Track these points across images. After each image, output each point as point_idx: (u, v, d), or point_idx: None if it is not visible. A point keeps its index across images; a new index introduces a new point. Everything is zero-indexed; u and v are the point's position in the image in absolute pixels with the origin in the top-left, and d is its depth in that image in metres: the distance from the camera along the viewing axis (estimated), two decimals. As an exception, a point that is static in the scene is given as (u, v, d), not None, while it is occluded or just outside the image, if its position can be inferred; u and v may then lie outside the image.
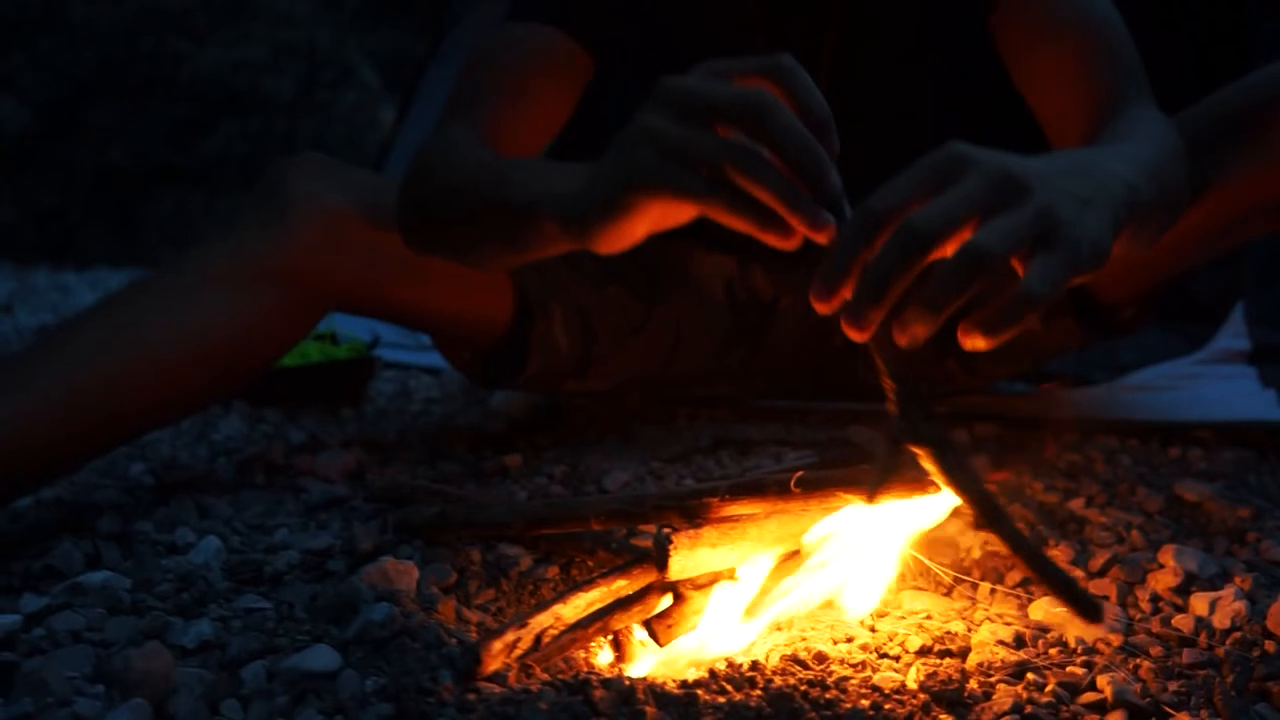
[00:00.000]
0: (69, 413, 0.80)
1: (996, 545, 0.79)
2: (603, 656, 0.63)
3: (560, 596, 0.60)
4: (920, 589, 0.72)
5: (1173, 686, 0.57)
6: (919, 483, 0.57)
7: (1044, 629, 0.64)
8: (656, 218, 0.57)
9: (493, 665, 0.55)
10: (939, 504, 0.59)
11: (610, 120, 0.66)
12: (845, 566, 0.64)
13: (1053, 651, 0.61)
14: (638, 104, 0.58)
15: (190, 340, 0.87)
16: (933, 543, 0.77)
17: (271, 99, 8.29)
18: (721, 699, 0.53)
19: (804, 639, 0.63)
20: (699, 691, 0.53)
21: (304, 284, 0.93)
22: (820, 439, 1.15)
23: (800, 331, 1.23)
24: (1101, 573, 0.73)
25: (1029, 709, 0.53)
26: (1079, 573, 0.73)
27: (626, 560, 0.68)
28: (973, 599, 0.70)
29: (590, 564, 0.78)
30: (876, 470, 0.55)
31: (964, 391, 1.21)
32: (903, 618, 0.67)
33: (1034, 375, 1.31)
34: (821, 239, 0.52)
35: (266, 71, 8.41)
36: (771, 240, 0.54)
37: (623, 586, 0.64)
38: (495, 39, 1.02)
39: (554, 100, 0.99)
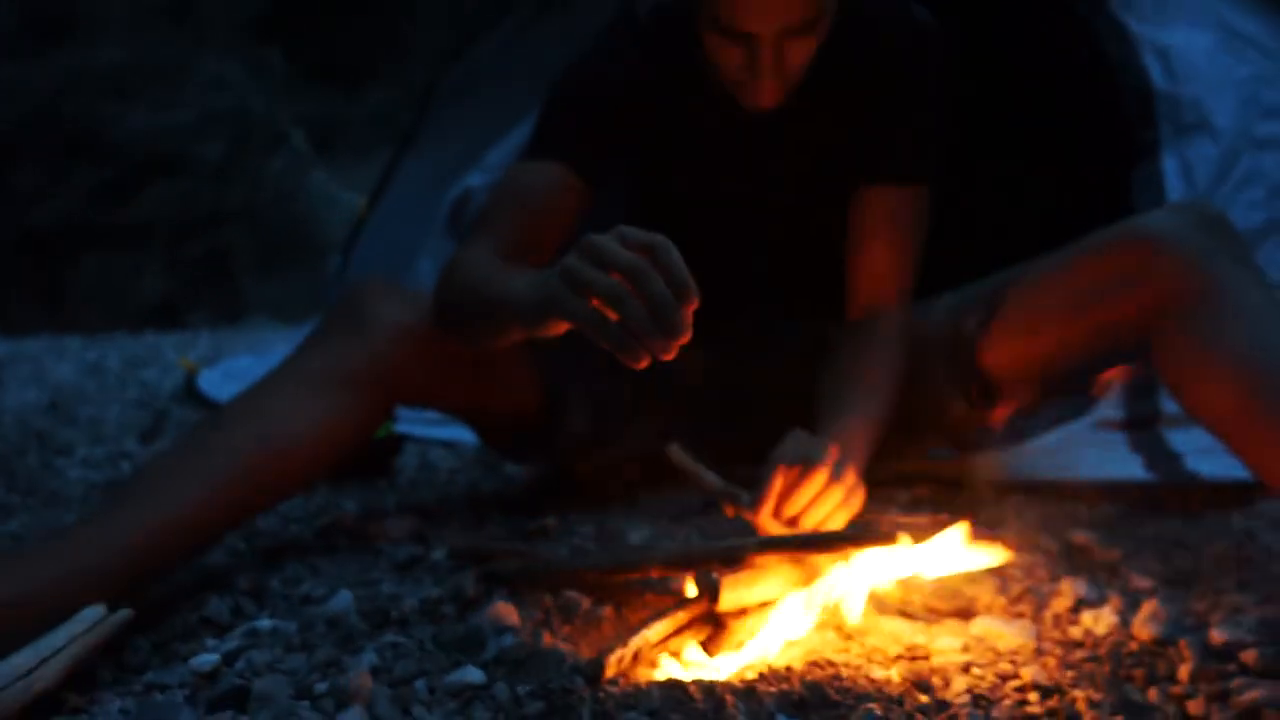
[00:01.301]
0: (215, 501, 0.99)
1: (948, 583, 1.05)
2: (666, 667, 0.85)
3: (645, 624, 0.83)
4: (890, 617, 0.96)
5: (1070, 675, 0.82)
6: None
7: (980, 640, 0.90)
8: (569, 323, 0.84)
9: (610, 673, 0.77)
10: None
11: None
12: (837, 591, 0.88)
13: (988, 654, 0.86)
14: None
15: (302, 436, 1.07)
16: (898, 584, 1.02)
17: (201, 162, 8.35)
18: (773, 689, 0.76)
19: (815, 650, 0.87)
20: (757, 685, 0.76)
21: (383, 388, 1.14)
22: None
23: (760, 413, 1.48)
24: (1019, 599, 0.99)
25: (975, 689, 0.78)
26: (1002, 599, 0.99)
27: (679, 599, 0.91)
28: (929, 621, 0.95)
29: (637, 604, 1.00)
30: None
31: (904, 457, 1.48)
32: (881, 636, 0.91)
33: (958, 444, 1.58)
34: (667, 358, 0.76)
35: (196, 136, 8.49)
36: (625, 359, 0.77)
37: (682, 617, 0.87)
38: (514, 172, 1.28)
39: (558, 220, 1.23)
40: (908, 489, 1.42)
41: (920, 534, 0.94)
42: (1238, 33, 1.87)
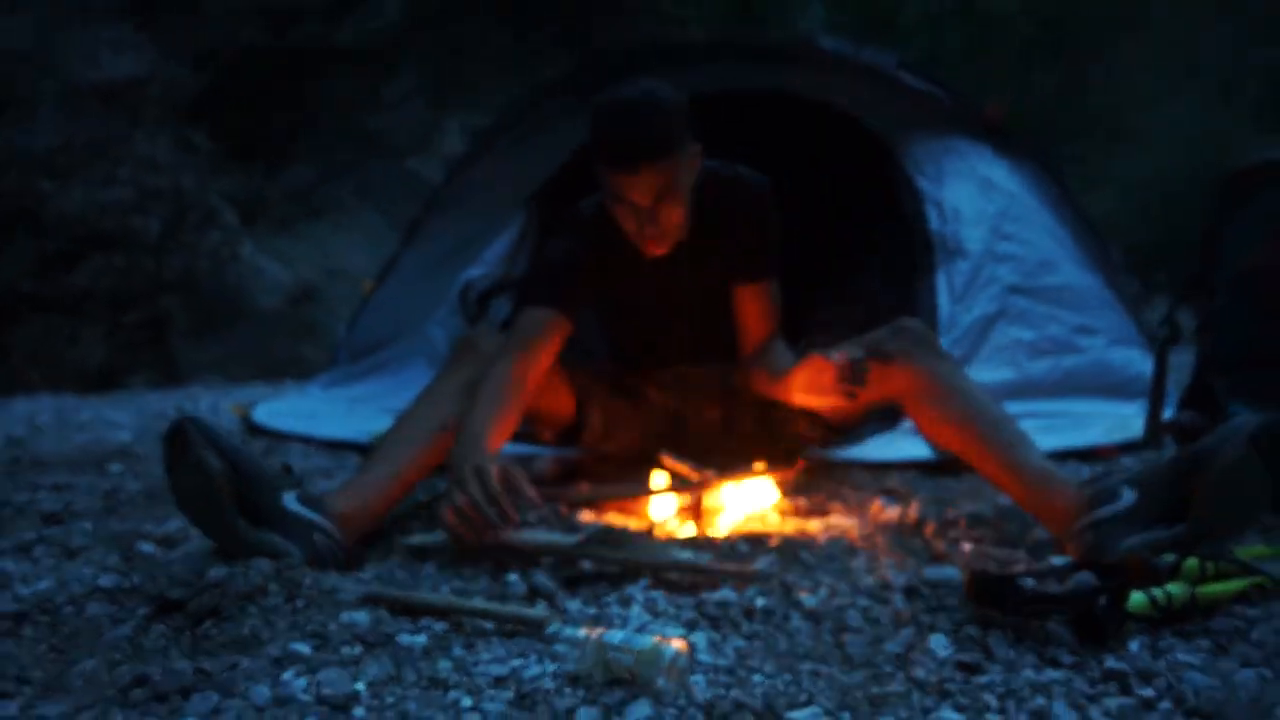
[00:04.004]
0: (417, 462, 1.70)
1: (814, 500, 1.84)
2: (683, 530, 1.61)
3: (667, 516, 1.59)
4: (787, 517, 1.74)
5: (875, 533, 1.62)
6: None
7: (832, 524, 1.68)
8: None
9: (655, 531, 1.53)
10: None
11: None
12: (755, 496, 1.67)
13: (835, 528, 1.65)
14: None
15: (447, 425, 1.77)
16: (786, 501, 1.81)
17: (139, 237, 8.69)
18: (735, 536, 1.53)
19: (752, 529, 1.64)
20: (727, 536, 1.53)
21: None
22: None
23: (700, 429, 2.26)
24: (853, 509, 1.80)
25: (828, 536, 1.57)
26: (844, 508, 1.79)
27: (679, 508, 1.67)
28: (805, 518, 1.74)
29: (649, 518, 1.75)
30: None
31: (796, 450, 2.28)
32: (783, 524, 1.69)
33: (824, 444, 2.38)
34: (494, 539, 1.50)
35: (133, 212, 8.84)
36: (463, 532, 1.51)
37: (684, 513, 1.63)
38: (518, 316, 1.94)
39: (551, 339, 1.89)
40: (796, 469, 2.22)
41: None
42: (989, 181, 2.80)
